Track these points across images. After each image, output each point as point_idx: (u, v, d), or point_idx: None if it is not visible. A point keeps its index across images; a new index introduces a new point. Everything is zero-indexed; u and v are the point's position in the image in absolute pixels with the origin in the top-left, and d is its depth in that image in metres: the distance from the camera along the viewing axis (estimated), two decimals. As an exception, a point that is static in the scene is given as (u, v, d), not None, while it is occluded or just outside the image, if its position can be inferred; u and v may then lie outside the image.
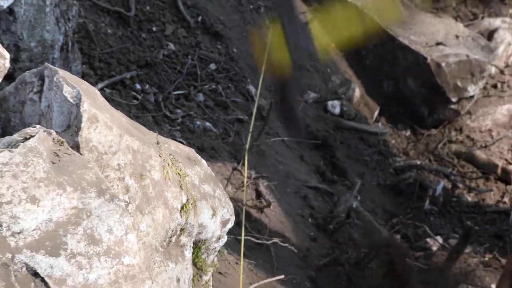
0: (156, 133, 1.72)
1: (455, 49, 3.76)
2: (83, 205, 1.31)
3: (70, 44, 2.39)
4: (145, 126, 1.77)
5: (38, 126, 1.43)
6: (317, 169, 3.15)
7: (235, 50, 3.37)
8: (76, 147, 1.45)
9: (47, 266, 1.22)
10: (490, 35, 4.30)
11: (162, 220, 1.58)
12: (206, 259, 1.86)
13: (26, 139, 1.36)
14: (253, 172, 2.76)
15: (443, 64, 3.66)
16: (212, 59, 3.20)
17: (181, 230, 1.67)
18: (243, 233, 2.27)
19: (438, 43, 3.78)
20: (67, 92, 1.48)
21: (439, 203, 3.34)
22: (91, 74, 2.74)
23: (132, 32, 3.08)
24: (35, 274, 1.21)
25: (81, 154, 1.44)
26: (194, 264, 1.81)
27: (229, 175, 2.65)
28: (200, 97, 2.99)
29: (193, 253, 1.78)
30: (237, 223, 2.15)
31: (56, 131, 1.45)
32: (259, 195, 2.66)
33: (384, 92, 3.87)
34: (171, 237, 1.63)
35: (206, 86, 3.05)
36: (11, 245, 1.22)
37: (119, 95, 2.73)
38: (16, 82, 1.64)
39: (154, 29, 3.18)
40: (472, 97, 3.79)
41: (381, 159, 3.52)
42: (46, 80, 1.55)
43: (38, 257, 1.22)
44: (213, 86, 3.06)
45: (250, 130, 2.80)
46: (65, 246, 1.25)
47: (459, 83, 3.68)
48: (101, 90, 2.67)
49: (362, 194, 3.17)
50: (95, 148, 1.47)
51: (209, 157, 2.67)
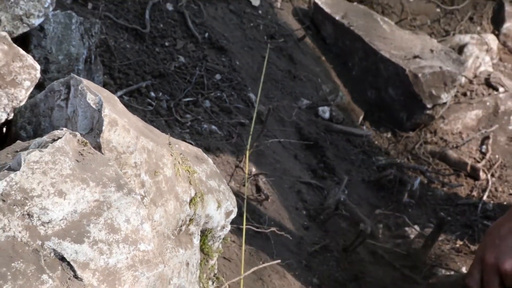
0: (168, 135, 1.72)
1: (430, 62, 3.75)
2: (104, 198, 1.31)
3: (93, 57, 2.39)
4: (159, 129, 1.76)
5: (64, 129, 1.43)
6: (309, 167, 3.14)
7: (237, 63, 3.36)
8: (98, 147, 1.45)
9: (72, 252, 1.22)
10: (460, 49, 4.30)
11: (174, 212, 1.57)
12: (212, 245, 1.85)
13: (54, 140, 1.36)
14: (253, 169, 2.75)
15: (420, 75, 3.65)
16: (217, 70, 3.19)
17: (190, 220, 1.66)
18: (244, 223, 2.27)
19: (415, 56, 3.77)
20: (90, 99, 1.48)
21: (416, 197, 3.33)
22: (111, 83, 2.73)
23: (147, 46, 3.07)
24: (62, 258, 1.21)
25: (102, 153, 1.44)
26: (202, 250, 1.81)
27: (232, 172, 2.64)
28: (207, 103, 2.98)
29: (200, 241, 1.78)
30: (239, 214, 2.15)
31: (81, 133, 1.45)
32: (258, 189, 2.65)
33: (368, 100, 3.86)
34: (181, 226, 1.63)
35: (212, 94, 3.04)
36: (41, 233, 1.21)
37: (135, 102, 2.72)
38: (46, 91, 1.64)
39: (166, 44, 3.18)
40: (445, 103, 3.78)
41: (366, 158, 3.51)
42: (72, 88, 1.55)
43: (64, 243, 1.22)
44: (218, 94, 3.06)
45: (251, 132, 2.79)
46: (88, 234, 1.25)
47: (433, 92, 3.67)
48: (120, 97, 2.67)
49: (349, 188, 3.16)
50: (115, 148, 1.46)
51: (214, 156, 2.66)
